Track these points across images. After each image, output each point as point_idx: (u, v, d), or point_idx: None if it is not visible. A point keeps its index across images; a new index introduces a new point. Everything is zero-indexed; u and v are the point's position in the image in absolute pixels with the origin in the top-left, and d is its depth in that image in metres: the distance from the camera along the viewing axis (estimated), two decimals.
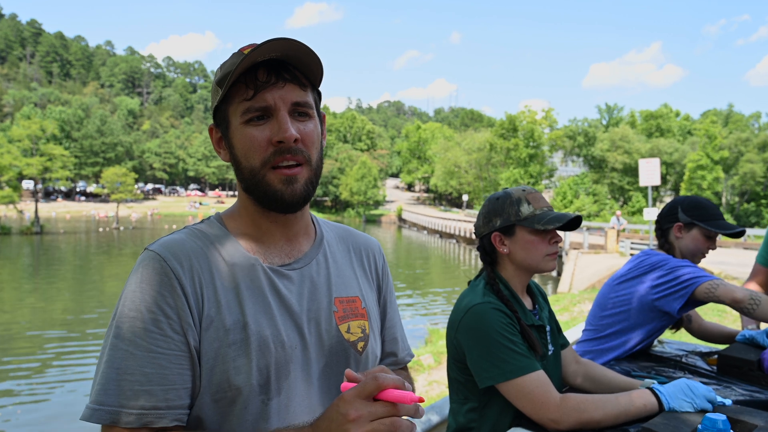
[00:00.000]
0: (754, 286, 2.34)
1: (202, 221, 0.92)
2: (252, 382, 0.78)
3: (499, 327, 1.33)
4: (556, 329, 1.62)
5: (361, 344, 0.92)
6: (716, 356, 1.85)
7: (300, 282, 0.88)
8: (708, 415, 1.09)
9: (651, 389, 1.31)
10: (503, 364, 1.30)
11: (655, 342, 2.15)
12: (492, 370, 1.32)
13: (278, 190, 0.83)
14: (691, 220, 1.98)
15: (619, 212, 20.60)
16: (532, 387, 1.28)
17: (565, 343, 1.64)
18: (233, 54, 0.84)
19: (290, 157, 0.82)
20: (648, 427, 1.17)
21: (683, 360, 1.94)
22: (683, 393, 1.29)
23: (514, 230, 1.43)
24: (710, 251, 2.02)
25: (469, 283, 1.55)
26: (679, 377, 1.66)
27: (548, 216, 1.40)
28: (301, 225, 0.93)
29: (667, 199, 62.39)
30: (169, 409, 0.73)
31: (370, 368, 0.95)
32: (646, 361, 1.96)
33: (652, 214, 14.32)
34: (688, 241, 2.00)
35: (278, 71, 0.82)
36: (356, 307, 0.94)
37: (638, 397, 1.29)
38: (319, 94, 0.90)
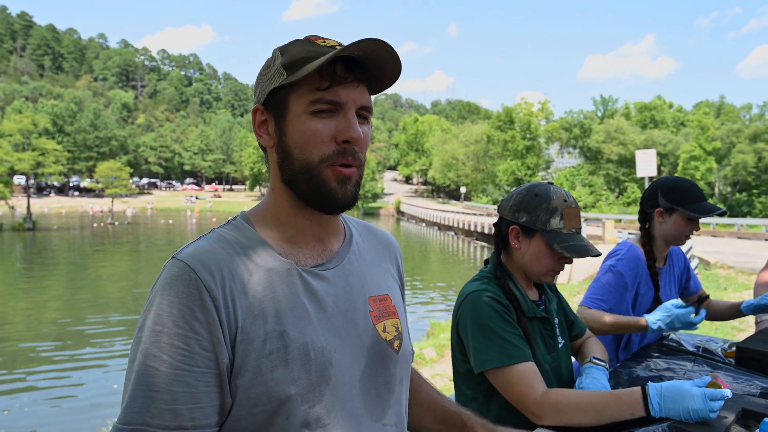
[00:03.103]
0: None
1: (228, 222, 0.87)
2: (292, 392, 0.74)
3: (491, 315, 1.33)
4: (567, 321, 1.61)
5: (397, 343, 0.90)
6: (734, 348, 1.83)
7: (335, 282, 0.85)
8: (766, 420, 1.07)
9: (644, 391, 1.20)
10: (492, 351, 1.30)
11: (672, 335, 2.14)
12: (480, 356, 1.32)
13: (333, 188, 0.80)
14: (671, 204, 1.94)
15: None
16: (517, 378, 1.27)
17: (581, 332, 1.64)
18: (298, 41, 0.82)
19: (351, 159, 0.80)
20: (681, 427, 1.15)
21: (699, 353, 1.92)
22: (678, 402, 1.16)
23: (534, 234, 1.40)
24: (694, 232, 1.99)
25: (485, 262, 1.56)
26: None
27: (571, 241, 1.36)
28: (335, 224, 0.91)
29: None
30: (195, 428, 0.71)
31: (406, 367, 0.94)
32: (663, 353, 1.94)
33: None
34: (670, 226, 1.96)
35: (355, 70, 0.80)
36: (388, 305, 0.92)
37: (626, 401, 1.20)
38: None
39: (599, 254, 1.35)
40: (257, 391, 0.74)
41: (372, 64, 0.80)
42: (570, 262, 1.41)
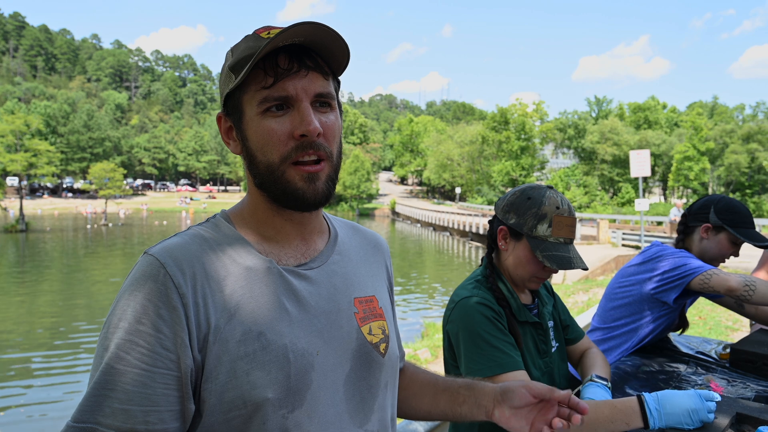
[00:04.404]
0: (763, 275, 2.31)
1: (207, 220, 0.84)
2: (269, 396, 0.71)
3: (482, 321, 1.30)
4: (563, 323, 1.58)
5: (383, 346, 0.87)
6: (728, 350, 1.82)
7: (318, 282, 0.82)
8: (761, 428, 1.06)
9: (640, 400, 1.14)
10: (482, 359, 1.27)
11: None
12: (471, 365, 1.29)
13: (299, 188, 0.77)
14: (722, 223, 1.90)
15: (679, 202, 19.93)
16: None
17: (576, 337, 1.60)
18: (246, 37, 0.78)
19: (312, 152, 0.76)
20: None
21: (694, 354, 1.90)
22: (676, 405, 1.11)
23: (521, 238, 1.37)
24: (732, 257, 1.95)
25: (482, 260, 1.52)
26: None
27: (555, 251, 1.31)
28: (316, 223, 0.88)
29: (656, 190, 62.96)
30: None
31: (393, 371, 0.90)
32: (657, 355, 1.92)
33: (643, 205, 14.42)
34: (713, 244, 1.93)
35: (300, 58, 0.75)
36: (374, 307, 0.89)
37: (622, 411, 1.13)
38: (338, 83, 0.84)
39: (586, 268, 1.31)
40: (232, 396, 0.70)
41: (317, 49, 0.77)
42: (555, 272, 1.36)
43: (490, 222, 1.49)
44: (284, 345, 0.74)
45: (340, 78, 0.84)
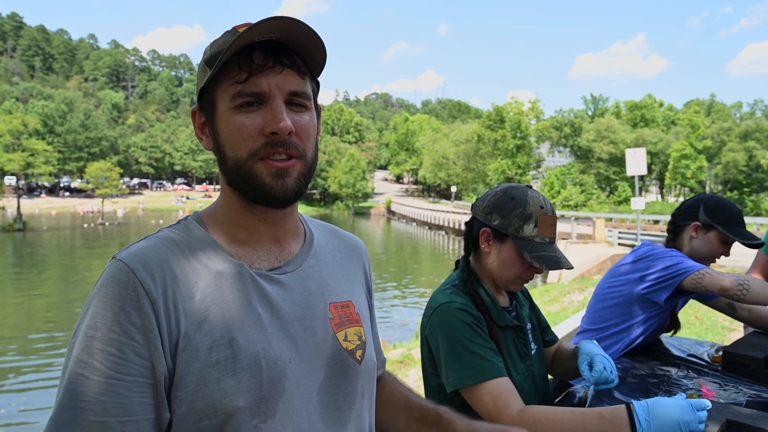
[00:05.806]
0: (757, 275, 2.28)
1: (178, 222, 0.82)
2: (241, 404, 0.69)
3: (462, 328, 1.26)
4: (540, 325, 1.56)
5: (359, 353, 0.85)
6: (721, 353, 1.78)
7: (292, 287, 0.80)
8: None
9: (629, 409, 1.09)
10: (463, 368, 1.24)
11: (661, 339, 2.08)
12: (452, 374, 1.26)
13: (267, 183, 0.75)
14: (711, 222, 1.88)
15: None
16: (491, 395, 1.21)
17: (552, 339, 1.59)
18: (226, 32, 0.77)
19: (283, 150, 0.74)
20: None
21: (686, 357, 1.87)
22: (666, 416, 1.06)
23: (505, 240, 1.34)
24: (723, 257, 1.92)
25: (456, 263, 1.48)
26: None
27: (543, 251, 1.29)
28: (291, 224, 0.86)
29: (653, 189, 63.09)
30: None
31: (369, 379, 0.88)
32: (648, 357, 1.89)
33: (639, 203, 14.45)
34: (702, 243, 1.90)
35: (276, 54, 0.74)
36: (350, 313, 0.87)
37: (609, 420, 1.09)
38: (317, 84, 0.83)
39: (571, 267, 1.30)
40: (202, 404, 0.68)
41: (294, 47, 0.76)
42: (540, 272, 1.34)
43: (467, 224, 1.45)
44: (256, 352, 0.72)
45: (319, 80, 0.83)
